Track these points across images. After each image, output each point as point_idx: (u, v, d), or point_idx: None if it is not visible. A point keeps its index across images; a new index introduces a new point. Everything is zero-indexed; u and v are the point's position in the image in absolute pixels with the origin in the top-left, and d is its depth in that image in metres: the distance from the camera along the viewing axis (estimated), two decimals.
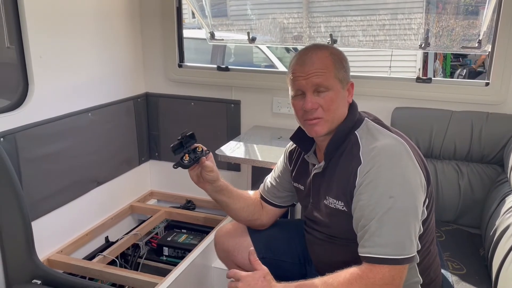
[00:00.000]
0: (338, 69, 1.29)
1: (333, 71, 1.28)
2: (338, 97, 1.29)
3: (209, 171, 1.40)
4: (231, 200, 1.52)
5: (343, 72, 1.30)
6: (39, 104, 1.97)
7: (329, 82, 1.27)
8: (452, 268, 1.67)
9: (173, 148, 1.37)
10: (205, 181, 1.43)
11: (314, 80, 1.27)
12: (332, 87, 1.28)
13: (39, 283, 1.76)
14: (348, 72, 1.33)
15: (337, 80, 1.28)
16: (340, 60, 1.31)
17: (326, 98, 1.27)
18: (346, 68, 1.32)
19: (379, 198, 1.17)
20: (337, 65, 1.29)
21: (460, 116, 2.08)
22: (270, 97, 2.53)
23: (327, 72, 1.27)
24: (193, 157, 1.37)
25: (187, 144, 1.38)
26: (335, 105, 1.28)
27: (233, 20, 2.71)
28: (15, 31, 1.88)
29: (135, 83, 2.67)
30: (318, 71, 1.27)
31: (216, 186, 1.46)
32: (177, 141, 1.36)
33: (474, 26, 2.16)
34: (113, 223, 2.51)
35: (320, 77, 1.27)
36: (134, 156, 2.70)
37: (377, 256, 1.15)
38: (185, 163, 1.36)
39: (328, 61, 1.28)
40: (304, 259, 1.59)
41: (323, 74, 1.27)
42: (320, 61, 1.28)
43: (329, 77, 1.27)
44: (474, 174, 2.04)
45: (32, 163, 1.94)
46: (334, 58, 1.30)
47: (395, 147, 1.24)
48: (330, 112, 1.28)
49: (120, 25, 2.51)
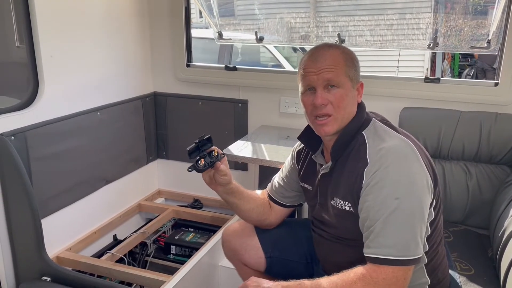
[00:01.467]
0: (349, 67, 1.29)
1: (344, 69, 1.28)
2: (348, 95, 1.29)
3: (222, 175, 1.40)
4: (241, 202, 1.52)
5: (353, 71, 1.31)
6: (49, 103, 1.99)
7: (340, 78, 1.28)
8: (460, 269, 1.67)
9: (189, 151, 1.36)
10: (218, 183, 1.44)
11: (325, 76, 1.27)
12: (343, 84, 1.28)
13: (48, 280, 1.78)
14: (358, 71, 1.33)
15: (348, 78, 1.29)
16: (352, 59, 1.32)
17: (336, 95, 1.27)
18: (357, 67, 1.33)
19: (385, 199, 1.17)
20: (348, 63, 1.30)
21: (469, 117, 2.07)
22: (278, 96, 2.53)
23: (338, 68, 1.28)
24: (208, 162, 1.36)
25: (203, 147, 1.37)
26: (345, 102, 1.28)
27: (240, 20, 2.72)
28: (26, 31, 1.90)
29: (143, 83, 2.69)
30: (330, 67, 1.27)
31: (228, 189, 1.47)
32: (194, 145, 1.36)
33: (483, 26, 2.14)
34: (121, 221, 2.53)
35: (331, 73, 1.27)
36: (142, 155, 2.72)
37: (381, 256, 1.15)
38: (199, 167, 1.36)
39: (340, 58, 1.29)
40: (311, 259, 1.59)
41: (334, 70, 1.27)
42: (332, 57, 1.29)
43: (340, 74, 1.28)
44: (482, 175, 2.03)
45: (42, 162, 1.97)
46: (346, 57, 1.30)
47: (402, 148, 1.24)
48: (339, 109, 1.28)
49: (129, 25, 2.53)
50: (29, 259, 1.82)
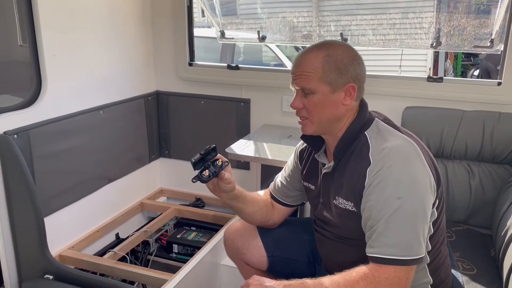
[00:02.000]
0: (327, 71, 1.26)
1: (320, 74, 1.26)
2: (324, 101, 1.27)
3: (227, 183, 1.41)
4: (245, 206, 1.53)
5: (335, 75, 1.26)
6: (52, 101, 1.99)
7: (313, 85, 1.27)
8: (462, 269, 1.66)
9: (194, 162, 1.35)
10: (222, 191, 1.44)
11: (299, 83, 1.29)
12: (317, 90, 1.27)
13: (51, 278, 1.79)
14: (345, 74, 1.27)
15: (325, 84, 1.26)
16: (335, 62, 1.26)
17: (309, 101, 1.29)
18: (342, 70, 1.26)
19: (387, 198, 1.17)
20: (328, 67, 1.26)
21: (472, 116, 2.06)
22: (280, 95, 2.53)
23: (312, 75, 1.26)
24: (213, 172, 1.36)
25: (208, 156, 1.37)
26: (318, 108, 1.28)
27: (243, 19, 2.72)
28: (29, 30, 1.90)
29: (146, 82, 2.69)
30: (302, 73, 1.28)
31: (232, 195, 1.47)
32: (199, 156, 1.36)
33: (486, 25, 2.14)
34: (124, 220, 2.53)
35: (304, 80, 1.28)
36: (144, 154, 2.72)
37: (384, 256, 1.15)
38: (204, 178, 1.36)
39: (318, 63, 1.26)
40: (313, 258, 1.59)
41: (306, 77, 1.27)
42: (307, 63, 1.28)
43: (312, 80, 1.26)
44: (485, 174, 2.02)
45: (45, 160, 1.97)
46: (327, 60, 1.26)
47: (405, 148, 1.23)
48: (313, 113, 1.29)
49: (132, 24, 2.53)
50: (32, 257, 1.82)
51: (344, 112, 1.31)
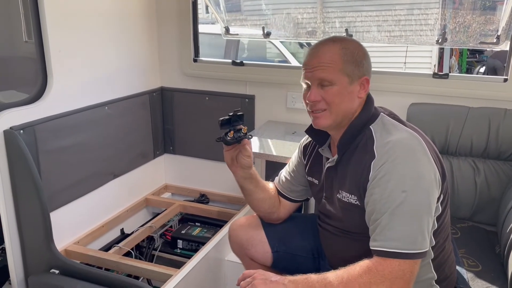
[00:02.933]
0: (346, 63, 1.28)
1: (340, 65, 1.27)
2: (343, 92, 1.28)
3: (246, 155, 1.43)
4: (256, 189, 1.54)
5: (352, 67, 1.29)
6: (58, 97, 2.00)
7: (333, 76, 1.27)
8: (467, 265, 1.66)
9: (221, 122, 1.37)
10: (239, 165, 1.45)
11: (318, 74, 1.28)
12: (336, 81, 1.27)
13: (57, 273, 1.80)
14: (361, 66, 1.31)
15: (344, 75, 1.28)
16: (351, 54, 1.29)
17: (328, 92, 1.28)
18: (359, 62, 1.30)
19: (392, 192, 1.17)
20: (346, 59, 1.28)
21: (477, 113, 2.05)
22: (285, 92, 2.53)
23: (332, 66, 1.27)
24: (237, 136, 1.38)
25: (235, 123, 1.39)
26: (338, 99, 1.28)
27: (247, 15, 2.71)
28: (35, 26, 1.91)
29: (150, 78, 2.69)
30: (323, 64, 1.28)
31: (247, 173, 1.48)
32: (227, 116, 1.38)
33: (491, 22, 2.12)
34: (129, 216, 2.54)
35: (324, 71, 1.27)
36: (149, 150, 2.73)
37: (388, 249, 1.15)
38: (228, 139, 1.38)
39: (336, 55, 1.28)
40: (318, 253, 1.60)
41: (326, 68, 1.27)
42: (326, 54, 1.29)
43: (333, 71, 1.27)
44: (490, 171, 2.02)
45: (51, 155, 1.98)
46: (344, 52, 1.29)
47: (410, 141, 1.23)
48: (333, 105, 1.29)
49: (137, 20, 2.53)
50: (38, 252, 1.83)
51: (358, 105, 1.32)
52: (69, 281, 1.75)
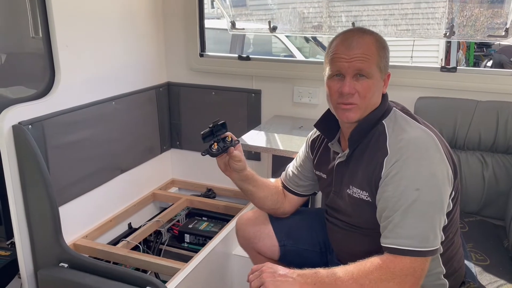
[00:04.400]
0: (381, 57, 1.27)
1: (376, 59, 1.26)
2: (375, 86, 1.27)
3: (237, 160, 1.42)
4: (256, 189, 1.53)
5: (384, 61, 1.28)
6: (65, 92, 2.01)
7: (371, 69, 1.25)
8: (475, 259, 1.66)
9: (203, 135, 1.37)
10: (232, 170, 1.45)
11: (357, 65, 1.24)
12: (373, 75, 1.25)
13: (66, 267, 1.82)
14: (388, 61, 1.30)
15: (378, 69, 1.26)
16: (384, 48, 1.29)
17: (364, 85, 1.25)
18: (388, 57, 1.30)
19: (405, 189, 1.16)
20: (381, 53, 1.27)
21: (486, 106, 2.04)
22: (291, 86, 2.52)
23: (371, 58, 1.25)
24: (222, 146, 1.38)
25: (218, 132, 1.39)
26: (371, 93, 1.26)
27: (252, 10, 2.70)
28: (42, 21, 1.91)
29: (157, 73, 2.70)
30: (363, 56, 1.24)
31: (243, 175, 1.48)
32: (208, 129, 1.38)
33: (499, 15, 2.10)
34: (136, 210, 2.56)
35: (364, 63, 1.24)
36: (156, 145, 2.74)
37: (400, 247, 1.15)
38: (213, 151, 1.38)
39: (373, 47, 1.26)
40: (325, 248, 1.60)
41: (367, 60, 1.24)
42: (366, 46, 1.25)
43: (371, 64, 1.25)
44: (499, 165, 2.00)
45: (59, 150, 1.99)
46: (379, 46, 1.27)
47: (423, 139, 1.22)
48: (365, 99, 1.26)
49: (143, 16, 2.53)
50: (47, 246, 1.85)
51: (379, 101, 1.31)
52: (78, 274, 1.77)
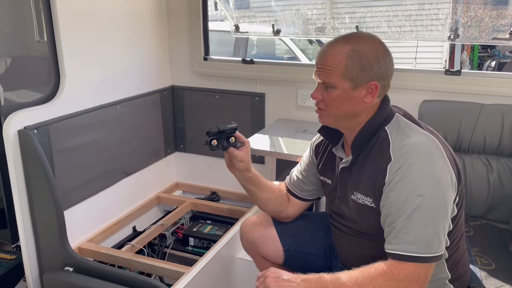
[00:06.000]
0: (351, 68, 1.23)
1: (343, 70, 1.23)
2: (344, 96, 1.26)
3: (239, 161, 1.43)
4: (259, 190, 1.54)
5: (357, 72, 1.23)
6: (70, 96, 2.02)
7: (333, 80, 1.25)
8: (480, 264, 1.65)
9: (208, 131, 1.39)
10: (235, 168, 1.46)
11: (320, 76, 1.29)
12: (337, 86, 1.25)
13: (71, 270, 1.82)
14: (369, 71, 1.24)
15: (346, 80, 1.24)
16: (359, 59, 1.23)
17: (328, 95, 1.28)
18: (367, 67, 1.23)
19: (408, 195, 1.16)
20: (352, 63, 1.23)
21: (491, 109, 2.03)
22: (295, 89, 2.52)
23: (334, 69, 1.24)
24: (222, 144, 1.40)
25: (226, 131, 1.41)
26: (336, 103, 1.27)
27: (256, 12, 2.70)
28: (47, 25, 1.92)
29: (161, 76, 2.71)
30: (326, 67, 1.26)
31: (245, 176, 1.49)
32: (217, 129, 1.39)
33: (504, 16, 2.09)
34: (140, 213, 2.57)
35: (325, 74, 1.27)
36: (160, 148, 2.75)
37: (404, 253, 1.15)
38: (211, 146, 1.40)
39: (341, 58, 1.24)
40: (330, 252, 1.60)
41: (328, 71, 1.26)
42: (332, 56, 1.25)
43: (334, 75, 1.25)
44: (504, 169, 1.99)
45: (64, 154, 2.00)
46: (352, 55, 1.23)
47: (427, 144, 1.22)
48: (330, 108, 1.29)
49: (148, 19, 2.54)
50: (52, 249, 1.86)
51: (364, 109, 1.29)
52: (83, 278, 1.78)
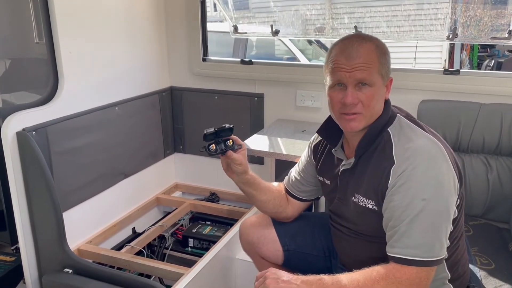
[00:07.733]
0: (382, 64, 1.25)
1: (378, 66, 1.23)
2: (378, 94, 1.25)
3: (237, 164, 1.42)
4: (257, 192, 1.53)
5: (386, 67, 1.26)
6: (69, 98, 2.02)
7: (373, 77, 1.23)
8: (480, 263, 1.65)
9: (206, 134, 1.38)
10: (233, 171, 1.45)
11: (358, 75, 1.22)
12: (375, 83, 1.23)
13: (70, 272, 1.82)
14: (389, 66, 1.28)
15: (380, 76, 1.24)
16: (384, 54, 1.26)
17: (367, 94, 1.23)
18: (389, 62, 1.28)
19: (412, 200, 1.16)
20: (382, 59, 1.25)
21: (489, 109, 2.03)
22: (294, 90, 2.52)
23: (372, 67, 1.23)
24: (221, 148, 1.39)
25: (222, 134, 1.39)
26: (374, 101, 1.24)
27: (255, 13, 2.70)
28: (46, 27, 1.92)
29: (160, 78, 2.70)
30: (364, 65, 1.22)
31: (243, 179, 1.48)
32: (212, 130, 1.38)
33: (503, 15, 2.09)
34: (140, 215, 2.56)
35: (365, 72, 1.22)
36: (159, 149, 2.74)
37: (406, 257, 1.15)
38: (210, 151, 1.39)
39: (374, 55, 1.23)
40: (329, 252, 1.59)
41: (367, 69, 1.22)
42: (366, 54, 1.23)
43: (373, 72, 1.23)
44: (503, 168, 1.99)
45: (63, 156, 2.00)
46: (379, 52, 1.25)
47: (430, 148, 1.21)
48: (369, 108, 1.24)
49: (146, 21, 2.54)
50: (51, 251, 1.86)
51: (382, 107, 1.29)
52: (82, 280, 1.77)
